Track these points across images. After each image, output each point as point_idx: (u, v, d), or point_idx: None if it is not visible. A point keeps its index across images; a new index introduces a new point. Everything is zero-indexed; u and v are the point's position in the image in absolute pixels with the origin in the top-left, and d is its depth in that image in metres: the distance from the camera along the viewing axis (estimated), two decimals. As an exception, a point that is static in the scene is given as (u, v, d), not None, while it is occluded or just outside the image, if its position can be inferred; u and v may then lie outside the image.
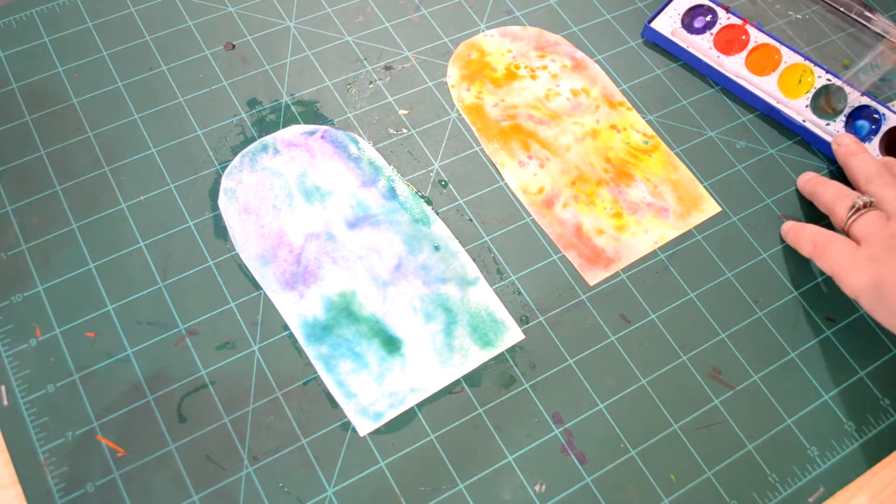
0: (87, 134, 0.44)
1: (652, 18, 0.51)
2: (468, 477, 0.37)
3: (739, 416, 0.39)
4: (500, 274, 0.42)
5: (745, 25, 0.50)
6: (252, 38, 0.48)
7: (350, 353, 0.39)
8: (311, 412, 0.37)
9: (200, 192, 0.43)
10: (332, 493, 0.36)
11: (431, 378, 0.39)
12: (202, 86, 0.46)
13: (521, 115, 0.47)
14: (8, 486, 0.35)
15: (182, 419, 0.37)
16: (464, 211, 0.44)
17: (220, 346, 0.39)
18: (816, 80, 0.48)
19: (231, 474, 0.36)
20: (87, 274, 0.40)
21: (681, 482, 0.37)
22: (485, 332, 0.40)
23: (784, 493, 0.38)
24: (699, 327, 0.42)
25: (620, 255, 0.43)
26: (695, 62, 0.50)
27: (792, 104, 0.48)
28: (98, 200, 0.42)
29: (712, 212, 0.45)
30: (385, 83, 0.48)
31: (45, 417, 0.36)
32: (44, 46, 0.47)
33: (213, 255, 0.41)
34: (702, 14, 0.51)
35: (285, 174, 0.44)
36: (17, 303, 0.39)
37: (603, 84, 0.49)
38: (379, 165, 0.45)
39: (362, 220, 0.43)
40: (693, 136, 0.48)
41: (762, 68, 0.49)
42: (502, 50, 0.50)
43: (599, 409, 0.39)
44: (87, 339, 0.38)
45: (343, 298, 0.40)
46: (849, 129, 0.47)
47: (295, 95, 0.47)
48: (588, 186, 0.45)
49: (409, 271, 0.41)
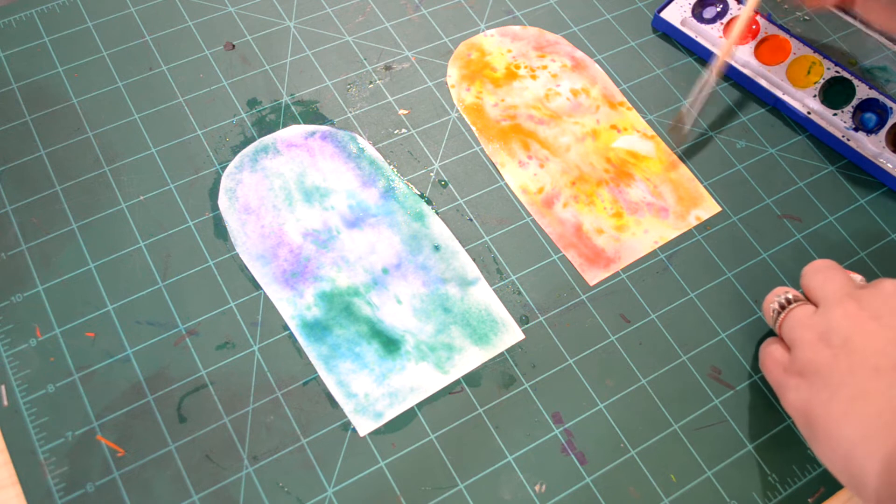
0: (87, 134, 0.44)
1: (662, 8, 0.51)
2: (468, 477, 0.37)
3: (739, 416, 0.39)
4: (500, 274, 0.42)
5: (755, 16, 0.50)
6: (252, 38, 0.48)
7: (350, 353, 0.39)
8: (311, 412, 0.37)
9: (200, 192, 0.43)
10: (332, 493, 0.36)
11: (431, 378, 0.39)
12: (202, 86, 0.46)
13: (521, 115, 0.47)
14: (8, 486, 0.35)
15: (182, 419, 0.37)
16: (464, 211, 0.44)
17: (220, 346, 0.39)
18: (825, 72, 0.48)
19: (231, 474, 0.36)
20: (87, 274, 0.40)
21: (681, 482, 0.37)
22: (485, 331, 0.40)
23: (784, 493, 0.38)
24: (699, 327, 0.42)
25: (620, 254, 0.43)
26: (703, 52, 0.50)
27: (799, 95, 0.48)
28: (98, 200, 0.42)
29: (712, 212, 0.45)
30: (385, 83, 0.48)
31: (45, 417, 0.36)
32: (44, 46, 0.47)
33: (213, 255, 0.41)
34: (712, 4, 0.51)
35: (285, 174, 0.44)
36: (17, 303, 0.39)
37: (603, 84, 0.49)
38: (379, 165, 0.45)
39: (362, 219, 0.43)
40: (693, 136, 0.48)
41: (771, 59, 0.49)
42: (502, 50, 0.50)
43: (599, 409, 0.39)
44: (87, 339, 0.38)
45: (343, 298, 0.40)
46: (856, 122, 0.47)
47: (295, 95, 0.47)
48: (588, 186, 0.45)
49: (409, 271, 0.41)
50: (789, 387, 0.34)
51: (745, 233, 0.45)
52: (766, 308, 0.39)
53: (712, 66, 0.46)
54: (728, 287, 0.43)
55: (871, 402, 0.31)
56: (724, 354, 0.41)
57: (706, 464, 0.38)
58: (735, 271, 0.43)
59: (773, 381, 0.37)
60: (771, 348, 0.37)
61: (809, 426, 0.33)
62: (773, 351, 0.37)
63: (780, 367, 0.36)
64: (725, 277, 0.43)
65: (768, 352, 0.37)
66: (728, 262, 0.44)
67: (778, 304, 0.37)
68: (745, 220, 0.45)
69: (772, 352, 0.37)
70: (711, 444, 0.38)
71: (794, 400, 0.34)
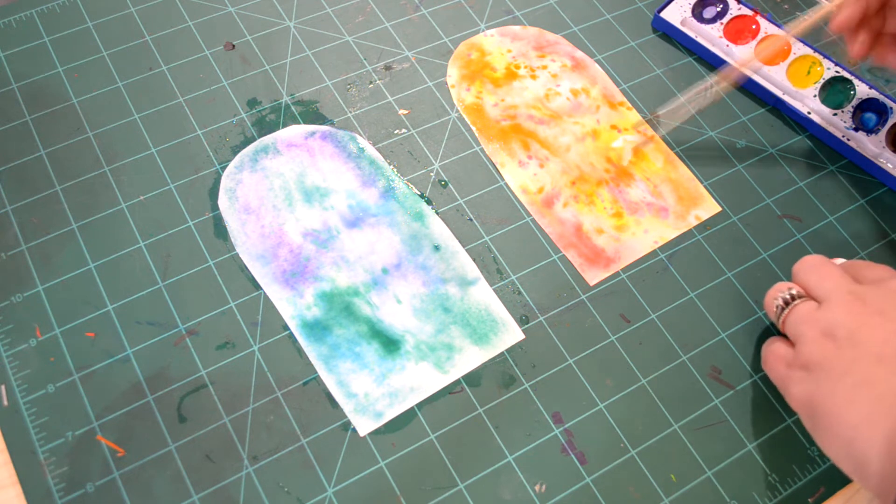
0: (87, 134, 0.44)
1: (662, 8, 0.51)
2: (468, 477, 0.37)
3: (739, 416, 0.39)
4: (500, 274, 0.42)
5: (755, 16, 0.50)
6: (252, 38, 0.48)
7: (350, 352, 0.39)
8: (311, 412, 0.37)
9: (200, 192, 0.43)
10: (332, 493, 0.36)
11: (431, 378, 0.39)
12: (202, 86, 0.46)
13: (521, 115, 0.47)
14: (8, 486, 0.35)
15: (182, 419, 0.37)
16: (464, 211, 0.44)
17: (220, 345, 0.39)
18: (825, 72, 0.48)
19: (231, 474, 0.36)
20: (87, 274, 0.40)
21: (681, 482, 0.37)
22: (485, 331, 0.40)
23: (784, 493, 0.38)
24: (699, 327, 0.42)
25: (620, 254, 0.43)
26: (703, 52, 0.50)
27: (799, 95, 0.48)
28: (98, 200, 0.42)
29: (712, 211, 0.45)
30: (385, 83, 0.48)
31: (45, 417, 0.36)
32: (44, 46, 0.47)
33: (213, 255, 0.41)
34: (712, 4, 0.51)
35: (285, 174, 0.44)
36: (17, 303, 0.39)
37: (603, 84, 0.49)
38: (379, 165, 0.45)
39: (362, 219, 0.43)
40: (693, 136, 0.48)
41: (771, 58, 0.49)
42: (502, 50, 0.50)
43: (599, 408, 0.39)
44: (87, 339, 0.38)
45: (343, 298, 0.40)
46: (856, 122, 0.47)
47: (295, 95, 0.47)
48: (588, 186, 0.45)
49: (409, 271, 0.41)
50: (793, 380, 0.35)
51: (745, 233, 0.45)
52: (768, 304, 0.39)
53: (726, 73, 0.45)
54: (728, 287, 0.43)
55: (874, 388, 0.31)
56: (724, 354, 0.41)
57: (706, 464, 0.38)
58: (735, 271, 0.43)
59: (777, 377, 0.37)
60: (774, 346, 0.38)
61: (813, 417, 0.33)
62: (777, 348, 0.37)
63: (783, 363, 0.36)
64: (725, 277, 0.43)
65: (771, 349, 0.38)
66: (728, 262, 0.44)
67: (782, 299, 0.37)
68: (745, 220, 0.45)
69: (775, 349, 0.37)
70: (711, 444, 0.38)
71: (797, 392, 0.34)
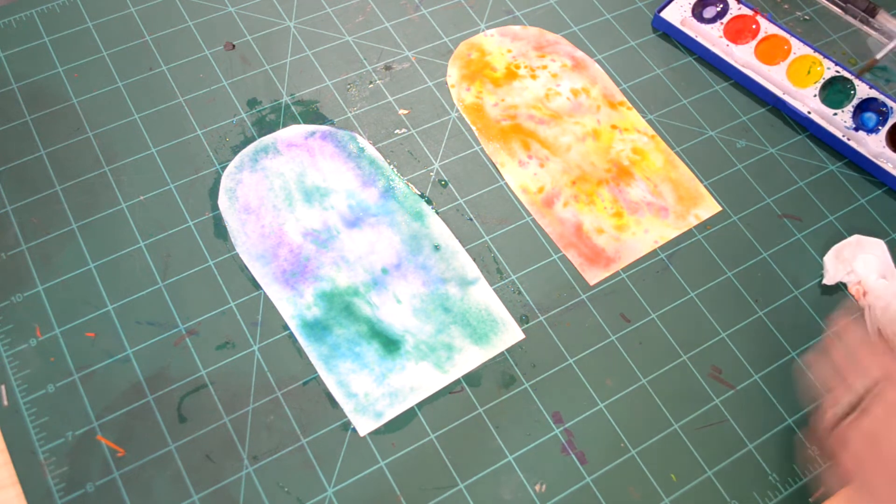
0: (87, 134, 0.44)
1: (662, 8, 0.51)
2: (468, 477, 0.37)
3: (739, 416, 0.39)
4: (500, 273, 0.42)
5: (755, 16, 0.50)
6: (252, 38, 0.48)
7: (350, 352, 0.39)
8: (311, 412, 0.37)
9: (200, 192, 0.43)
10: (332, 493, 0.36)
11: (431, 378, 0.39)
12: (202, 86, 0.46)
13: (521, 114, 0.47)
14: (8, 486, 0.35)
15: (182, 419, 0.37)
16: (464, 210, 0.44)
17: (220, 345, 0.39)
18: (825, 72, 0.48)
19: (231, 474, 0.36)
20: (87, 274, 0.40)
21: (681, 482, 0.37)
22: (485, 331, 0.40)
23: (784, 493, 0.38)
24: (699, 327, 0.42)
25: (620, 254, 0.43)
26: (703, 52, 0.50)
27: (800, 94, 0.48)
28: (98, 200, 0.42)
29: (712, 211, 0.45)
30: (385, 83, 0.48)
31: (45, 417, 0.36)
32: (44, 46, 0.47)
33: (213, 255, 0.41)
34: (713, 4, 0.51)
35: (285, 174, 0.44)
36: (17, 303, 0.39)
37: (603, 84, 0.49)
38: (379, 165, 0.45)
39: (362, 219, 0.43)
40: (693, 136, 0.48)
41: (771, 58, 0.49)
42: (502, 50, 0.50)
43: (599, 408, 0.39)
44: (87, 339, 0.38)
45: (343, 298, 0.40)
46: (856, 122, 0.47)
47: (295, 95, 0.47)
48: (588, 186, 0.45)
49: (409, 271, 0.41)
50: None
51: (745, 232, 0.45)
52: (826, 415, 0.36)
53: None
54: (728, 287, 0.43)
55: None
56: (724, 354, 0.41)
57: (706, 463, 0.38)
58: (735, 271, 0.43)
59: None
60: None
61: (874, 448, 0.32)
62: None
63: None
64: (725, 277, 0.43)
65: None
66: (728, 262, 0.44)
67: (843, 409, 0.35)
68: (745, 220, 0.45)
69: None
70: (712, 444, 0.38)
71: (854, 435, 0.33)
